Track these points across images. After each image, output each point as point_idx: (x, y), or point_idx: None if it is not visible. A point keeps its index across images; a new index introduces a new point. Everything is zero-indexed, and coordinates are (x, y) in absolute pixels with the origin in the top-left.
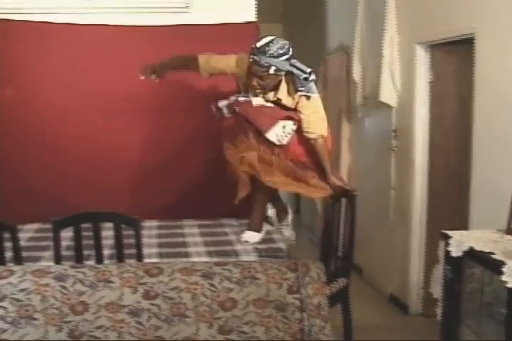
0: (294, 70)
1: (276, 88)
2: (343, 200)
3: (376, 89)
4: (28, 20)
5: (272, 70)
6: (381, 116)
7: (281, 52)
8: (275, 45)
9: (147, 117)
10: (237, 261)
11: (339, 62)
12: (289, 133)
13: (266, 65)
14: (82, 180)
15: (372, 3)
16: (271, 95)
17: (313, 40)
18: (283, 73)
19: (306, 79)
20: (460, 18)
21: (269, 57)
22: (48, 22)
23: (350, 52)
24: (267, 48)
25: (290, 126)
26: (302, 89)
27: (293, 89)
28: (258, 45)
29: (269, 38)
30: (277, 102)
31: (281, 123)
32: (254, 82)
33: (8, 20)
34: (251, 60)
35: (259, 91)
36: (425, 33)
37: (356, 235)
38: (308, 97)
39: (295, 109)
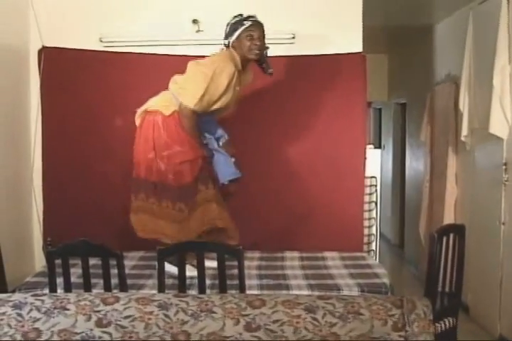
0: None
1: None
2: (451, 235)
3: (485, 120)
4: (137, 53)
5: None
6: (491, 148)
7: None
8: None
9: None
10: (340, 295)
11: (447, 92)
12: None
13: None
14: None
15: (482, 32)
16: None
17: (420, 71)
18: None
19: None
20: None
21: None
22: (155, 54)
23: (458, 83)
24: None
25: None
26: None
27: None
28: (245, 14)
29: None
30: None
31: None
32: (259, 43)
33: (120, 53)
34: (253, 23)
35: (258, 52)
36: None
37: (464, 272)
38: None
39: None
